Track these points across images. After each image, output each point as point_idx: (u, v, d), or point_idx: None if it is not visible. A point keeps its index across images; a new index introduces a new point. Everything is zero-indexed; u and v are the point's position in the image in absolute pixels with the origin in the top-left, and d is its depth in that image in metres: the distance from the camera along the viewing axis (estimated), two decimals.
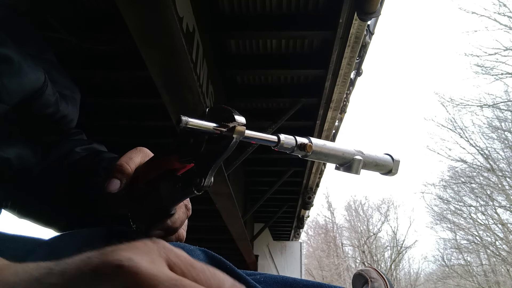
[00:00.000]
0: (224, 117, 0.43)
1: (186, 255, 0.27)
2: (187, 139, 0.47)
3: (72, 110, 0.67)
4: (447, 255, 23.35)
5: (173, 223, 0.53)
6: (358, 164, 0.53)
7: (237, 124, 0.42)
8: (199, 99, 2.49)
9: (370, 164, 0.55)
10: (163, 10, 1.81)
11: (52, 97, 0.59)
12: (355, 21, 2.71)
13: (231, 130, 0.42)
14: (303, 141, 0.50)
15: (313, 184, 6.42)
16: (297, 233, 9.72)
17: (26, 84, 0.53)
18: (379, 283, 1.26)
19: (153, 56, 2.09)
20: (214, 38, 2.93)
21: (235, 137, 0.42)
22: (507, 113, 17.47)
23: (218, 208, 4.43)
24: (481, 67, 16.24)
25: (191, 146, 0.46)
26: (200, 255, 0.48)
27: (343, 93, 3.75)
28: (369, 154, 0.55)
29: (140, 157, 0.54)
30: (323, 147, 0.51)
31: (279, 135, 0.49)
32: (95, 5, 2.59)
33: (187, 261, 0.26)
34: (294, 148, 0.49)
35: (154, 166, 0.51)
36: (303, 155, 0.50)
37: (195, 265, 0.26)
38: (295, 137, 0.50)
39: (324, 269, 27.70)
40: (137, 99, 3.49)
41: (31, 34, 0.67)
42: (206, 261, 0.48)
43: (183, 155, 0.47)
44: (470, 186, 19.51)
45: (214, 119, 0.43)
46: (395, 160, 0.58)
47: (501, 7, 15.19)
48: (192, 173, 0.46)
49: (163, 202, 0.50)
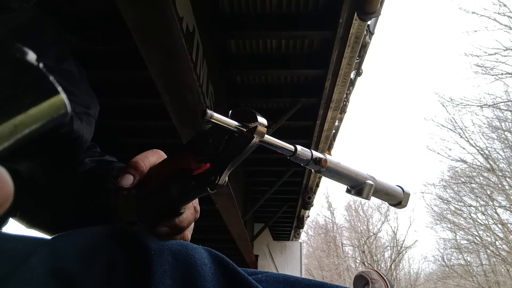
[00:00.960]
0: (246, 118, 0.43)
1: None
2: (206, 139, 0.47)
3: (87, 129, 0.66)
4: (447, 255, 23.37)
5: (180, 222, 0.53)
6: (370, 189, 0.53)
7: (258, 125, 0.42)
8: (199, 99, 2.48)
9: (380, 192, 0.55)
10: (163, 10, 1.80)
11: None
12: (355, 21, 2.71)
13: (252, 131, 0.42)
14: (319, 155, 0.49)
15: (313, 184, 6.42)
16: (297, 233, 9.71)
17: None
18: (379, 284, 1.26)
19: (153, 56, 2.09)
20: (214, 38, 2.92)
21: (255, 137, 0.42)
22: (507, 113, 17.47)
23: (218, 208, 4.42)
24: (481, 67, 16.25)
25: (209, 145, 0.46)
26: (203, 254, 0.48)
27: (343, 93, 3.75)
28: (381, 181, 0.55)
29: (156, 158, 0.55)
30: (338, 165, 0.51)
31: (296, 146, 0.48)
32: (95, 5, 2.59)
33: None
34: (309, 161, 0.49)
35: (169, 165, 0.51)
36: (317, 169, 0.50)
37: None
38: (312, 150, 0.50)
39: (324, 269, 27.69)
40: (137, 99, 3.49)
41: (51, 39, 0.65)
42: (210, 259, 0.48)
43: (200, 155, 0.47)
44: (470, 186, 19.50)
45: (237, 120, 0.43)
46: (406, 193, 0.58)
47: (501, 7, 15.20)
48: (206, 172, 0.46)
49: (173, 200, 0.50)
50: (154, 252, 0.46)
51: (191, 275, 0.45)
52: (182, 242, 0.51)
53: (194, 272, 0.45)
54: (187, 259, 0.46)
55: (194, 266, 0.46)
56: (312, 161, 0.49)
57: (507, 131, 17.68)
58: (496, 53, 15.74)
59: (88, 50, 2.81)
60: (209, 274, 0.46)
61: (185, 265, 0.46)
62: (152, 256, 0.45)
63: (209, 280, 0.45)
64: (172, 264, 0.46)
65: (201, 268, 0.46)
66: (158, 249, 0.46)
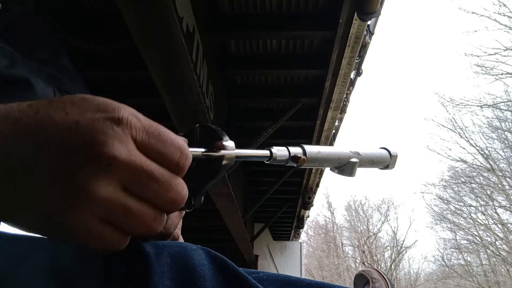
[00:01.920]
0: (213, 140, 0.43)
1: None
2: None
3: None
4: (447, 255, 23.39)
5: (167, 229, 0.55)
6: (353, 166, 0.53)
7: (226, 151, 0.42)
8: (199, 99, 2.49)
9: (366, 164, 0.55)
10: (163, 10, 1.80)
11: None
12: (355, 21, 2.71)
13: (220, 158, 0.42)
14: (296, 151, 0.49)
15: (313, 184, 6.42)
16: (297, 233, 9.72)
17: None
18: (380, 283, 1.26)
19: (153, 56, 2.09)
20: (214, 38, 2.92)
21: (224, 163, 0.42)
22: (507, 113, 17.49)
23: (218, 208, 4.43)
24: (481, 67, 16.28)
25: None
26: (202, 255, 0.48)
27: (343, 93, 3.75)
28: (365, 153, 0.55)
29: None
30: (318, 155, 0.50)
31: (271, 148, 0.47)
32: (95, 5, 2.59)
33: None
34: (287, 160, 0.48)
35: None
36: (298, 165, 0.49)
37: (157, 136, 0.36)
38: (288, 147, 0.48)
39: (324, 269, 27.70)
40: (137, 99, 3.49)
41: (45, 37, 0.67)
42: (208, 260, 0.48)
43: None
44: (470, 186, 19.52)
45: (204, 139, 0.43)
46: (393, 155, 0.58)
47: (501, 7, 15.23)
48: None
49: None
50: (153, 254, 0.46)
51: (190, 275, 0.45)
52: (181, 244, 0.51)
53: (193, 272, 0.45)
54: (186, 260, 0.46)
55: (193, 266, 0.46)
56: (290, 159, 0.48)
57: (507, 131, 17.69)
58: (496, 53, 15.77)
59: (88, 50, 2.81)
60: (208, 274, 0.46)
61: (184, 266, 0.46)
62: (151, 257, 0.45)
63: (209, 280, 0.45)
64: (171, 265, 0.46)
65: (200, 269, 0.46)
66: (156, 251, 0.47)
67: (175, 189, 0.36)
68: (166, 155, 0.35)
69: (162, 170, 0.35)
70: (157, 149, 0.35)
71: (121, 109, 0.35)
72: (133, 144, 0.34)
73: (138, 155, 0.34)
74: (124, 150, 0.32)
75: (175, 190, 0.35)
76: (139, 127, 0.35)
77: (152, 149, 0.35)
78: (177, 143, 0.36)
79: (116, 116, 0.34)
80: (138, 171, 0.33)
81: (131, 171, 0.33)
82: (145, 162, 0.34)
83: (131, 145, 0.33)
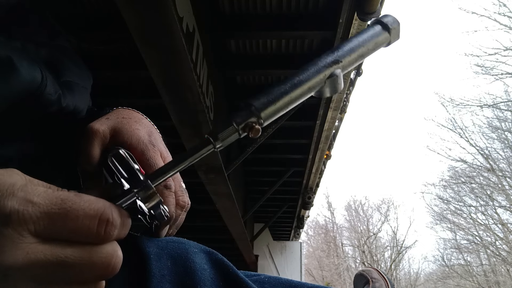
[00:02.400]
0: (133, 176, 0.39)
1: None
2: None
3: (80, 100, 0.64)
4: (447, 255, 23.39)
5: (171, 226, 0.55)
6: (335, 82, 0.39)
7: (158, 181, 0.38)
8: (199, 99, 2.48)
9: (355, 62, 0.41)
10: (163, 10, 1.80)
11: (53, 96, 0.55)
12: (355, 21, 2.71)
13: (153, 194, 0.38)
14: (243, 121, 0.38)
15: (313, 184, 6.41)
16: (297, 233, 9.71)
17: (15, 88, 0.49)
18: (380, 283, 1.26)
19: (153, 56, 2.09)
20: (214, 38, 2.92)
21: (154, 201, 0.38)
22: (507, 113, 17.49)
23: (218, 208, 4.42)
24: (481, 67, 16.27)
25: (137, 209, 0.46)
26: (203, 259, 0.48)
27: (343, 93, 3.76)
28: (348, 51, 0.40)
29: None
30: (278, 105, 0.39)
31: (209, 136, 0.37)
32: (95, 5, 2.59)
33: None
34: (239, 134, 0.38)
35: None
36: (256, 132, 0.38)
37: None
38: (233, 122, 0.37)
39: (324, 269, 27.69)
40: (137, 99, 3.49)
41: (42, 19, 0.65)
42: (209, 264, 0.48)
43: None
44: (470, 186, 19.52)
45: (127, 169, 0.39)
46: (392, 28, 0.43)
47: (501, 7, 15.25)
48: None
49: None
50: (153, 256, 0.46)
51: (190, 280, 0.45)
52: (183, 246, 0.51)
53: (193, 276, 0.45)
54: (187, 264, 0.46)
55: (194, 270, 0.46)
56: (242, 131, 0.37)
57: (507, 131, 17.69)
58: (496, 53, 15.77)
59: (88, 50, 2.81)
60: (208, 279, 0.46)
61: (184, 270, 0.46)
62: (151, 260, 0.45)
63: (209, 285, 0.45)
64: (171, 269, 0.46)
65: (201, 273, 0.46)
66: (157, 253, 0.47)
67: (101, 262, 0.31)
68: (81, 230, 0.30)
69: (78, 250, 0.30)
70: (67, 229, 0.30)
71: (8, 200, 0.29)
72: (32, 238, 0.29)
73: (41, 250, 0.29)
74: (21, 253, 0.28)
75: (100, 264, 0.31)
76: (36, 216, 0.29)
77: (61, 232, 0.30)
78: (93, 211, 0.31)
79: (2, 212, 0.28)
80: (47, 266, 0.29)
81: (38, 269, 0.28)
82: (52, 253, 0.29)
83: (28, 243, 0.28)
